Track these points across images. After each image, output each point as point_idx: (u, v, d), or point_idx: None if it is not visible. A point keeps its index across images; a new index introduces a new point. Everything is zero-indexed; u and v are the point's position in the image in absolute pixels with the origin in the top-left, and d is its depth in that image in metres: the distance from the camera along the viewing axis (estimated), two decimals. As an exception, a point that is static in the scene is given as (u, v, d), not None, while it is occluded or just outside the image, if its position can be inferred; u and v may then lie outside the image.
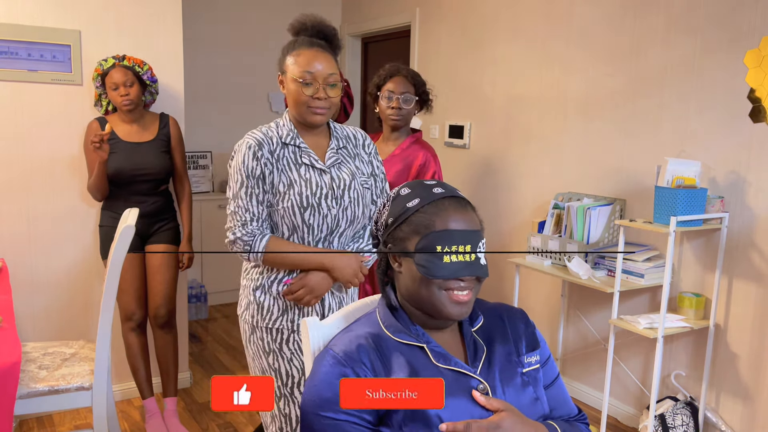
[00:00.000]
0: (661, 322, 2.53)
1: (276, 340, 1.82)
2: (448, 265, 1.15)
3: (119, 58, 2.76)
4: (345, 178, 1.82)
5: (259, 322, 1.83)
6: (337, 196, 1.79)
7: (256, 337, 1.84)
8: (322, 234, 1.80)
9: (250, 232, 1.75)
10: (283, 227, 1.78)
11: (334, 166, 1.83)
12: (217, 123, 4.85)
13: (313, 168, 1.79)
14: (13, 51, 2.79)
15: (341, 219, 1.80)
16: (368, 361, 1.13)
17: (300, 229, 1.77)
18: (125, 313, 2.84)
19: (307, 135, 1.84)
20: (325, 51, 1.77)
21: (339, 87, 1.78)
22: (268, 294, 1.82)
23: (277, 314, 1.82)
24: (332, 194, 1.78)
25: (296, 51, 1.76)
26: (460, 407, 1.12)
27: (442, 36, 4.12)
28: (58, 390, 2.13)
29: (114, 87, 2.72)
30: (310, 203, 1.75)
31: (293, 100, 1.76)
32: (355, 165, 1.88)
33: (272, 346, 1.82)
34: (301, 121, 1.81)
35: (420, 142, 2.73)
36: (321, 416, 1.10)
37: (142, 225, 2.82)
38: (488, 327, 1.27)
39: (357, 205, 1.83)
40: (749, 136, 2.56)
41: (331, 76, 1.75)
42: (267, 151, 1.75)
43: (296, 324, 1.82)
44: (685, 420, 2.69)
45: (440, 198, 1.20)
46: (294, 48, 1.77)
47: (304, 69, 1.73)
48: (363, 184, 1.86)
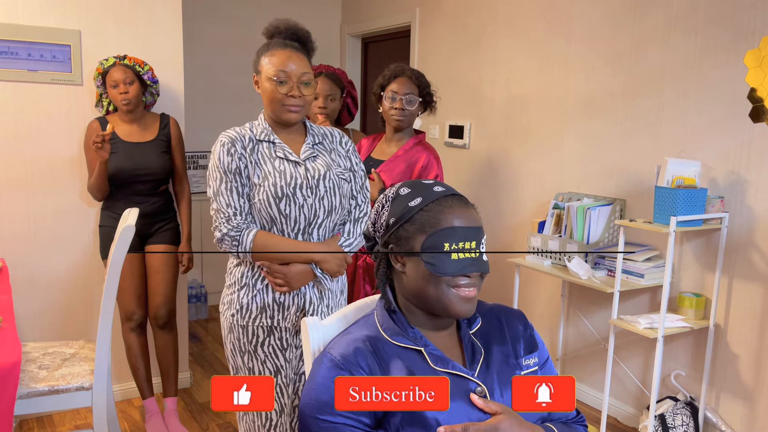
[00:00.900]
0: (661, 322, 2.53)
1: (251, 342, 1.86)
2: (456, 262, 1.16)
3: (120, 58, 2.77)
4: (320, 168, 1.85)
5: (238, 320, 1.86)
6: (312, 186, 1.81)
7: (233, 336, 1.88)
8: (300, 225, 1.82)
9: (236, 227, 1.78)
10: (261, 220, 1.81)
11: (308, 159, 1.86)
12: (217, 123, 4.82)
13: (287, 160, 1.83)
14: (13, 51, 2.80)
15: (318, 209, 1.83)
16: (366, 364, 1.13)
17: (278, 220, 1.80)
18: (125, 313, 2.85)
19: (282, 133, 1.88)
20: (299, 51, 1.83)
21: (313, 86, 1.84)
22: (250, 292, 1.85)
23: (255, 312, 1.85)
24: (307, 184, 1.81)
25: (270, 52, 1.81)
26: (458, 410, 1.12)
27: (442, 36, 4.12)
28: (58, 390, 2.13)
29: (114, 85, 2.73)
30: (284, 193, 1.78)
31: (268, 98, 1.81)
32: (331, 158, 1.91)
33: (247, 347, 1.86)
34: (277, 120, 1.85)
35: (423, 144, 2.73)
36: (319, 419, 1.10)
37: (141, 225, 2.82)
38: (486, 329, 1.27)
39: (333, 194, 1.85)
40: (749, 136, 2.56)
41: (304, 75, 1.81)
42: (240, 147, 1.80)
43: (276, 321, 1.85)
44: (685, 420, 2.69)
45: (443, 196, 1.21)
46: (268, 49, 1.83)
47: (278, 68, 1.78)
48: (339, 174, 1.89)
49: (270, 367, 1.87)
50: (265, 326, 1.85)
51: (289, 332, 1.86)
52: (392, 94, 2.66)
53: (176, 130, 2.95)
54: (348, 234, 1.92)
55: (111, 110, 2.88)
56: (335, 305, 1.95)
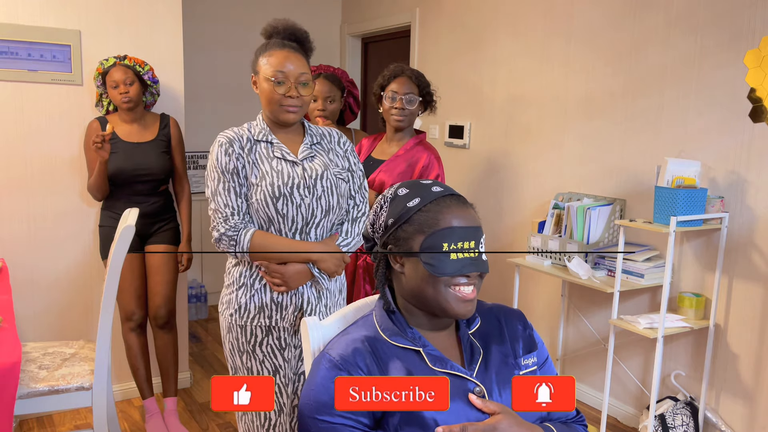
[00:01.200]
0: (661, 322, 2.53)
1: (250, 341, 1.86)
2: (455, 261, 1.16)
3: (120, 58, 2.77)
4: (317, 168, 1.85)
5: (237, 320, 1.86)
6: (309, 186, 1.81)
7: (232, 336, 1.88)
8: (298, 225, 1.82)
9: (233, 227, 1.78)
10: (259, 220, 1.81)
11: (306, 159, 1.86)
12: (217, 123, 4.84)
13: (285, 160, 1.83)
14: (13, 51, 2.80)
15: (316, 209, 1.83)
16: (364, 364, 1.13)
17: (275, 220, 1.80)
18: (125, 313, 2.85)
19: (281, 133, 1.88)
20: (297, 52, 1.84)
21: (311, 86, 1.84)
22: (248, 292, 1.85)
23: (254, 312, 1.85)
24: (304, 183, 1.81)
25: (268, 52, 1.82)
26: (456, 410, 1.12)
27: (442, 36, 4.12)
28: (58, 390, 2.13)
29: (114, 85, 2.73)
30: (282, 193, 1.78)
31: (266, 98, 1.81)
32: (329, 158, 1.91)
33: (246, 347, 1.87)
34: (275, 120, 1.85)
35: (424, 143, 2.72)
36: (318, 420, 1.10)
37: (141, 225, 2.82)
38: (485, 329, 1.27)
39: (331, 194, 1.85)
40: (749, 136, 2.56)
41: (302, 75, 1.81)
42: (238, 147, 1.80)
43: (274, 320, 1.85)
44: (685, 420, 2.69)
45: (441, 196, 1.20)
46: (266, 49, 1.83)
47: (275, 69, 1.78)
48: (337, 174, 1.89)
49: (269, 367, 1.87)
50: (264, 326, 1.85)
51: (288, 332, 1.86)
52: (392, 93, 2.66)
53: (176, 130, 2.95)
54: (346, 233, 1.92)
55: (111, 110, 2.88)
56: (334, 305, 1.95)
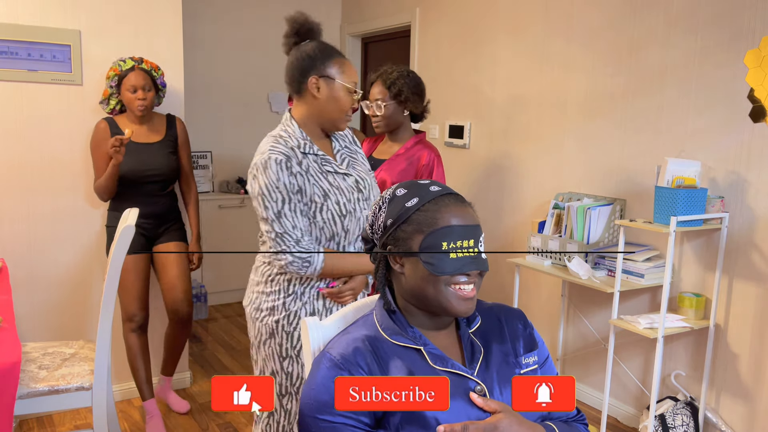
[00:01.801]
0: (661, 322, 2.53)
1: (296, 347, 1.83)
2: (455, 260, 1.16)
3: (138, 61, 2.76)
4: (364, 177, 1.88)
5: (285, 326, 1.82)
6: (367, 198, 1.84)
7: (275, 342, 1.84)
8: (355, 236, 1.84)
9: (305, 248, 1.74)
10: (321, 237, 1.79)
11: (349, 167, 1.88)
12: (217, 123, 4.85)
13: (336, 173, 1.82)
14: (13, 51, 2.80)
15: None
16: (365, 364, 1.13)
17: (338, 235, 1.80)
18: (127, 314, 2.84)
19: (316, 141, 1.86)
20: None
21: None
22: (299, 300, 1.82)
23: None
24: (362, 196, 1.83)
25: (340, 60, 1.81)
26: (457, 409, 1.12)
27: (442, 36, 4.12)
28: (58, 390, 2.13)
29: (132, 90, 2.72)
30: (348, 210, 1.79)
31: (338, 107, 1.80)
32: (360, 159, 1.94)
33: (290, 352, 1.83)
34: (329, 128, 1.85)
35: (424, 142, 2.73)
36: (318, 419, 1.10)
37: (149, 226, 2.83)
38: (486, 328, 1.27)
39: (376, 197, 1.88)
40: (749, 136, 2.56)
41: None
42: (295, 163, 1.73)
43: None
44: (685, 420, 2.69)
45: (439, 195, 1.20)
46: (334, 56, 1.81)
47: (353, 80, 1.81)
48: (372, 177, 1.93)
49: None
50: None
51: None
52: (368, 101, 2.67)
53: (182, 130, 2.96)
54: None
55: (116, 109, 2.87)
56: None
